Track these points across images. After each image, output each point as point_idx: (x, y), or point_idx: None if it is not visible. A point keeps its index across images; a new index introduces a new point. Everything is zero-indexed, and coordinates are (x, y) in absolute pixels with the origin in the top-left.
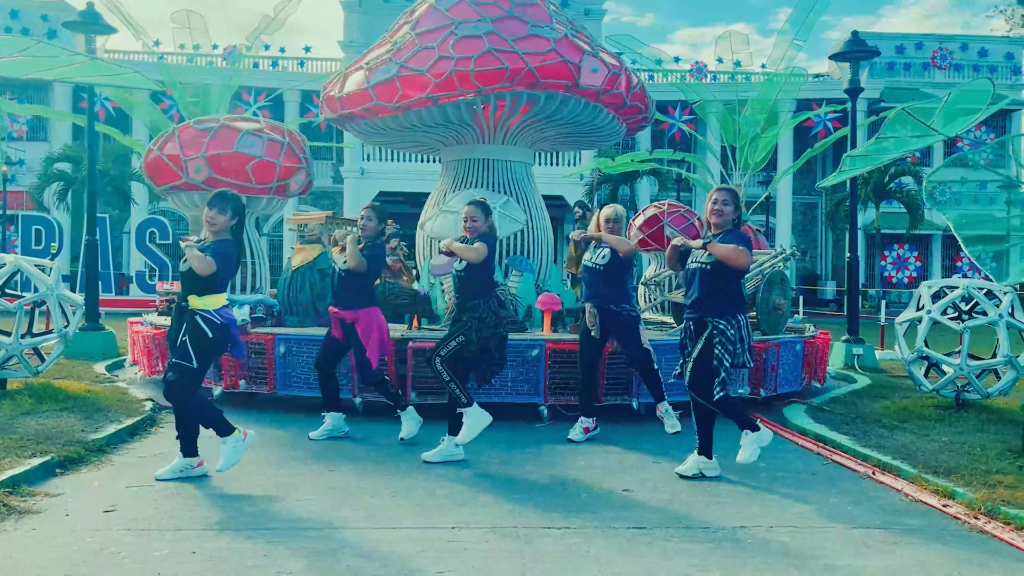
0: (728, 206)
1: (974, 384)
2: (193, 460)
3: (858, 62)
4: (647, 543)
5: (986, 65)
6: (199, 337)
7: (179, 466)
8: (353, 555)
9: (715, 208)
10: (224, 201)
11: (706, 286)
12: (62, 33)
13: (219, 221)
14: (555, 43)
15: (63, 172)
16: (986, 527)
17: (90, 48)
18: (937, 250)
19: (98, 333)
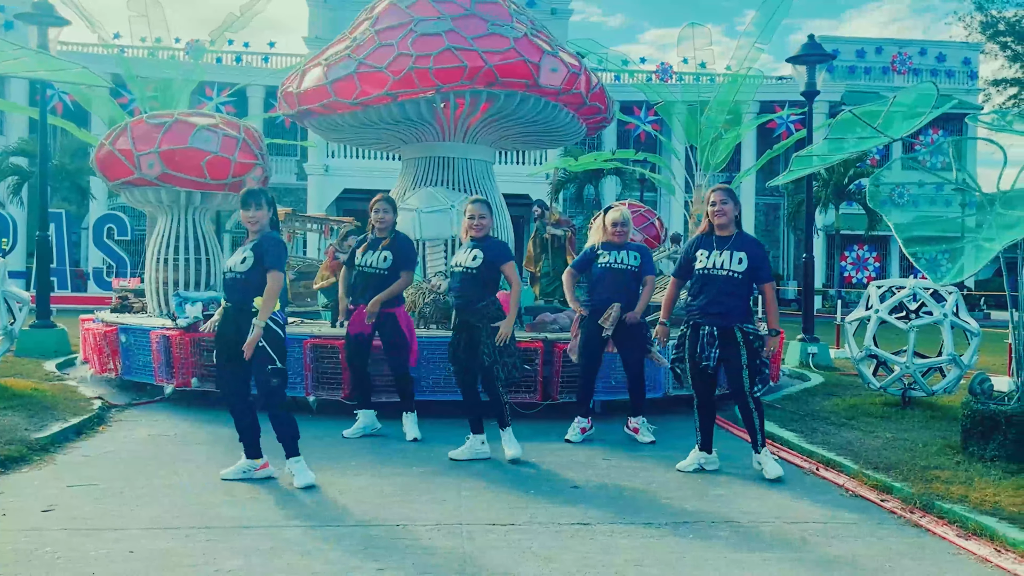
0: (728, 204)
1: (919, 382)
2: (256, 462)
3: (815, 65)
4: (590, 538)
5: (944, 70)
6: (275, 338)
7: (243, 467)
8: (294, 553)
9: (716, 209)
10: (258, 196)
11: (736, 294)
12: (19, 25)
13: (260, 217)
14: (515, 42)
15: (18, 167)
16: (920, 521)
17: (43, 41)
18: (895, 251)
19: (50, 330)
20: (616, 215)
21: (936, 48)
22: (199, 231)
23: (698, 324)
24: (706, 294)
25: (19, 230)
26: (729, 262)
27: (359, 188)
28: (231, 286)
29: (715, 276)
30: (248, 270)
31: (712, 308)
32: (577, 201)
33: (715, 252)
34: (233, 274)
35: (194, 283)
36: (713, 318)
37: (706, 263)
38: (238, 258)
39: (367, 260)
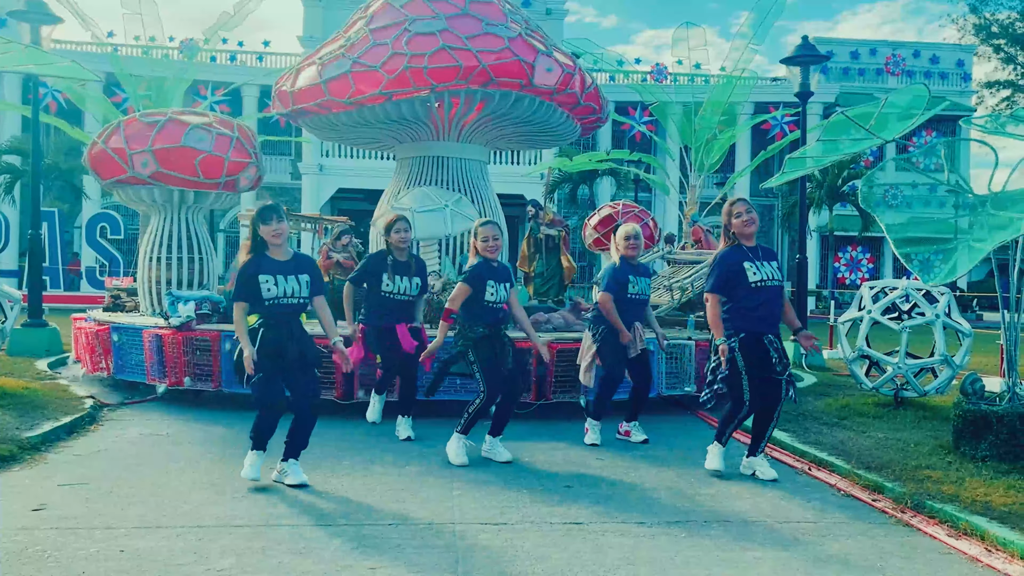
0: (753, 213)
1: (912, 382)
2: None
3: (808, 66)
4: (581, 538)
5: (937, 72)
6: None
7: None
8: (285, 552)
9: (745, 220)
10: (276, 210)
11: (782, 302)
12: (11, 23)
13: (284, 228)
14: (509, 42)
15: (11, 165)
16: (912, 520)
17: (36, 38)
18: (889, 252)
19: (42, 329)
20: (629, 229)
21: (930, 50)
22: (192, 230)
23: (759, 333)
24: (766, 305)
25: (11, 229)
26: (773, 271)
27: (353, 187)
28: (297, 310)
29: (772, 287)
30: (310, 294)
31: (771, 317)
32: (571, 202)
33: (761, 263)
34: (298, 300)
35: (187, 282)
36: (772, 326)
37: (761, 275)
38: (296, 285)
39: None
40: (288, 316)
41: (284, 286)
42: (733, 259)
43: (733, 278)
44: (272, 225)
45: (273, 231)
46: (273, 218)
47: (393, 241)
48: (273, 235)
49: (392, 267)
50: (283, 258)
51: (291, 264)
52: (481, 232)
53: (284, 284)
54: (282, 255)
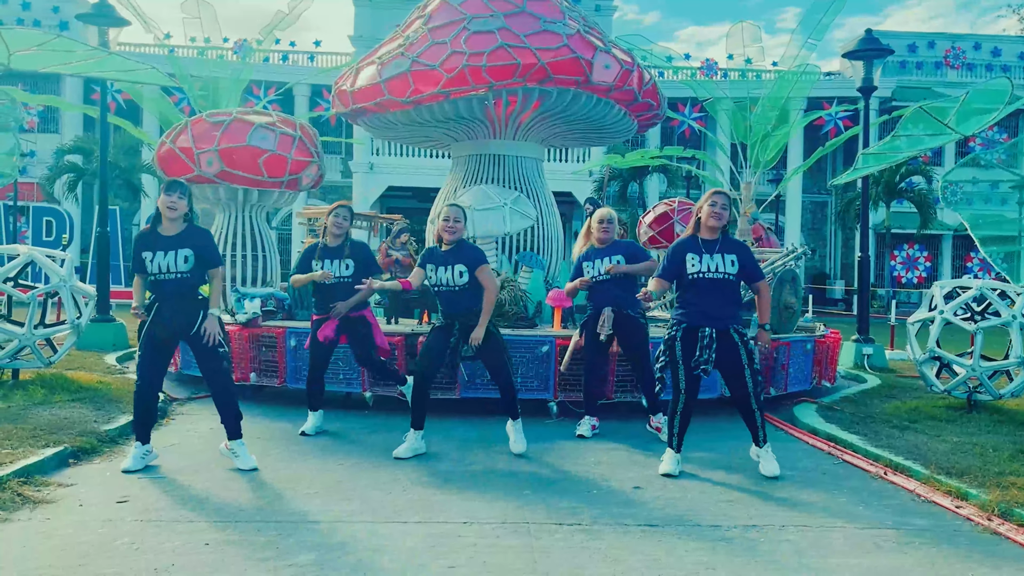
0: (727, 209)
1: (986, 385)
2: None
3: (871, 60)
4: (656, 541)
5: (999, 64)
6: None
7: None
8: (361, 549)
9: (715, 211)
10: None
11: (730, 296)
12: (74, 25)
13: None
14: (567, 39)
15: (74, 164)
16: (999, 528)
17: (102, 41)
18: (947, 250)
19: (109, 324)
20: (603, 212)
21: (991, 42)
22: (256, 228)
23: (695, 327)
24: (701, 298)
25: (74, 226)
26: (723, 265)
27: (403, 185)
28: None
29: (711, 279)
30: (191, 269)
31: (710, 311)
32: (621, 199)
33: (706, 256)
34: (177, 274)
35: (251, 279)
36: (712, 320)
37: (699, 267)
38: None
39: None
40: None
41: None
42: (679, 248)
43: (677, 267)
44: (172, 197)
45: (170, 202)
46: (175, 192)
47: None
48: (169, 206)
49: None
50: (174, 232)
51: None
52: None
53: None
54: (174, 229)
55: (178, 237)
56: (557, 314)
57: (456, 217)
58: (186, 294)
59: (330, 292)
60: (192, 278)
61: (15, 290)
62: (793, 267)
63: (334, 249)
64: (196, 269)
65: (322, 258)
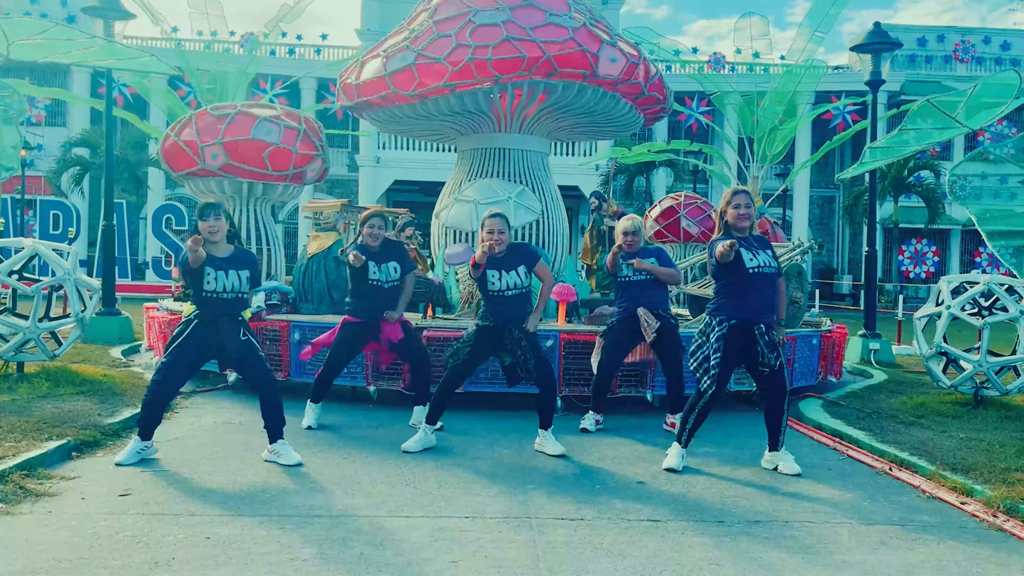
0: (751, 207)
1: (993, 381)
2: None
3: (880, 54)
4: (661, 536)
5: (1009, 58)
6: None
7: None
8: (365, 543)
9: (743, 212)
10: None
11: (775, 291)
12: (81, 18)
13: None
14: (573, 32)
15: (80, 157)
16: (1005, 525)
17: (108, 33)
18: (956, 245)
19: (114, 318)
20: (627, 224)
21: (1001, 36)
22: (261, 221)
23: (749, 322)
24: (756, 293)
25: (81, 219)
26: (769, 260)
27: (410, 179)
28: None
29: (768, 274)
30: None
31: (763, 305)
32: (627, 193)
33: (757, 251)
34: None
35: None
36: (764, 314)
37: (757, 262)
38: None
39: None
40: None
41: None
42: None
43: (729, 262)
44: (209, 222)
45: (209, 228)
46: (210, 215)
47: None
48: (209, 232)
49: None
50: (221, 254)
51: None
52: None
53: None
54: (222, 251)
55: (232, 258)
56: (562, 309)
57: (500, 228)
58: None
59: (382, 297)
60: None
61: (20, 283)
62: (799, 261)
63: (377, 253)
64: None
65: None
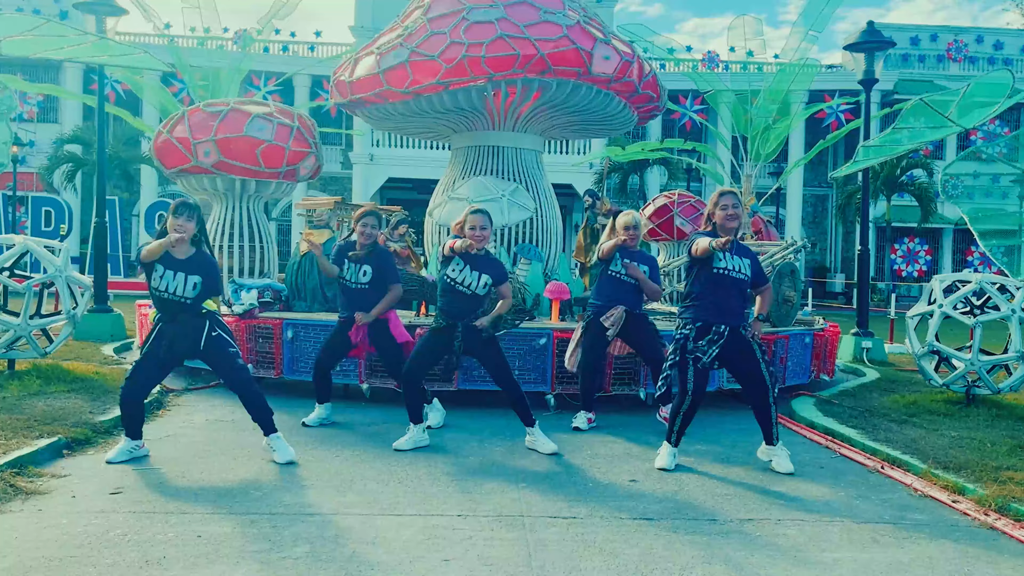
0: (739, 209)
1: (985, 379)
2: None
3: (873, 53)
4: (653, 534)
5: (1001, 58)
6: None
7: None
8: (356, 541)
9: (730, 214)
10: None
11: (744, 296)
12: (73, 14)
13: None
14: (567, 30)
15: (73, 154)
16: (996, 523)
17: (100, 29)
18: (948, 244)
19: (106, 315)
20: (628, 218)
21: (993, 36)
22: (253, 219)
23: (710, 323)
24: (721, 295)
25: (73, 216)
26: (742, 266)
27: (403, 177)
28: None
29: (735, 279)
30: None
31: (729, 308)
32: (621, 191)
33: (729, 255)
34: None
35: (248, 270)
36: (729, 317)
37: (727, 263)
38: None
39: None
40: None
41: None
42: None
43: (699, 261)
44: (180, 221)
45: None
46: (183, 215)
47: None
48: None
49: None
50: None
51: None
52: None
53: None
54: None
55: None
56: (555, 307)
57: (483, 224)
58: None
59: (350, 297)
60: (198, 303)
61: (10, 280)
62: (792, 260)
63: (360, 254)
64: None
65: (348, 261)
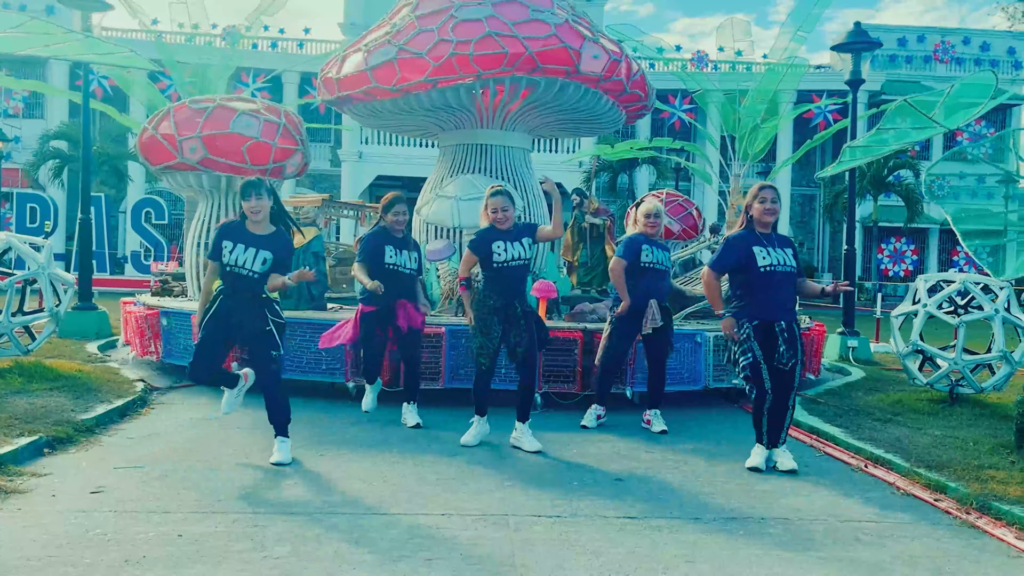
0: (778, 203)
1: (968, 379)
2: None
3: (860, 53)
4: (637, 533)
5: (988, 59)
6: (280, 324)
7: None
8: (340, 540)
9: (768, 208)
10: (259, 186)
11: (794, 289)
12: (60, 10)
13: (263, 207)
14: (556, 28)
15: (59, 150)
16: (978, 522)
17: (86, 25)
18: (934, 244)
19: (91, 312)
20: (649, 206)
21: (980, 37)
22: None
23: (770, 321)
24: (775, 291)
25: (59, 213)
26: (786, 258)
27: (392, 175)
28: (247, 281)
29: (784, 272)
30: (267, 271)
31: (784, 303)
32: (611, 190)
33: (772, 249)
34: (249, 272)
35: None
36: (786, 313)
37: (771, 259)
38: (253, 257)
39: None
40: (244, 286)
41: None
42: (742, 241)
43: (743, 261)
44: (250, 202)
45: (250, 207)
46: (251, 195)
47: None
48: (250, 211)
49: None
50: (260, 232)
51: (262, 239)
52: (491, 203)
53: (238, 251)
54: (260, 229)
55: (263, 238)
56: (542, 305)
57: (504, 206)
58: (251, 289)
59: (400, 283)
60: (264, 279)
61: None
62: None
63: (399, 239)
64: (270, 271)
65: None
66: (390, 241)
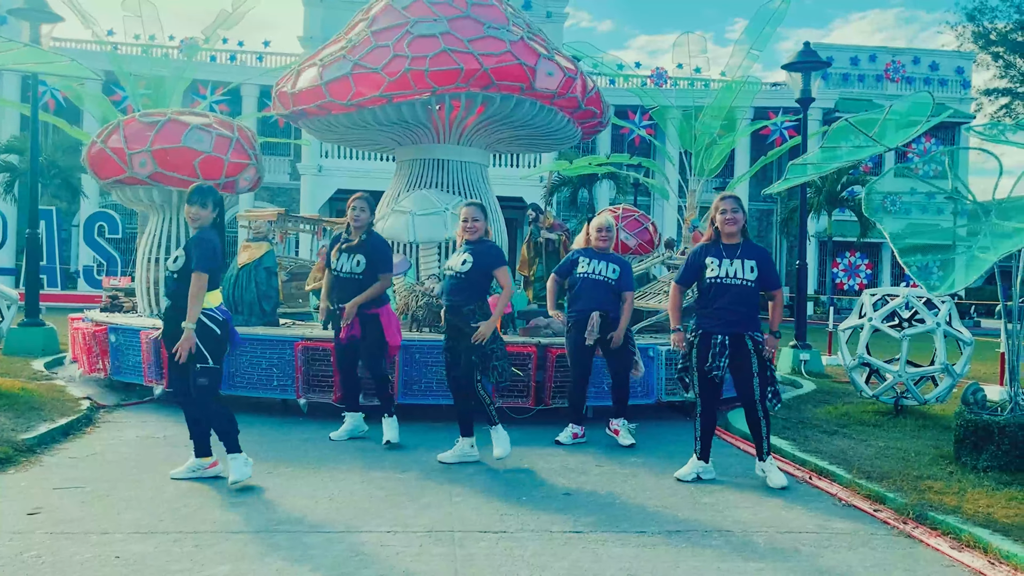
0: (738, 212)
1: (912, 391)
2: (206, 460)
3: (809, 72)
4: (581, 547)
5: (937, 79)
6: (210, 336)
7: (193, 466)
8: (282, 559)
9: (727, 218)
10: (204, 195)
11: (748, 302)
12: (11, 21)
13: (203, 216)
14: (511, 45)
15: (9, 163)
16: (914, 532)
17: (35, 36)
18: (887, 258)
19: (38, 329)
20: (601, 220)
21: (929, 57)
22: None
23: (709, 333)
24: (718, 303)
25: (9, 227)
26: (741, 271)
27: (352, 188)
28: (167, 284)
29: (728, 285)
30: (180, 269)
31: (725, 316)
32: (572, 205)
33: (726, 261)
34: (168, 272)
35: None
36: (726, 326)
37: (718, 271)
38: (172, 256)
39: (342, 265)
40: (167, 292)
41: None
42: (699, 253)
43: (695, 272)
44: (191, 208)
45: (190, 213)
46: (195, 202)
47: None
48: (189, 218)
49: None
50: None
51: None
52: (461, 212)
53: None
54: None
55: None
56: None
57: (475, 216)
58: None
59: (343, 288)
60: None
61: None
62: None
63: (352, 243)
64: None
65: (340, 251)
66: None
